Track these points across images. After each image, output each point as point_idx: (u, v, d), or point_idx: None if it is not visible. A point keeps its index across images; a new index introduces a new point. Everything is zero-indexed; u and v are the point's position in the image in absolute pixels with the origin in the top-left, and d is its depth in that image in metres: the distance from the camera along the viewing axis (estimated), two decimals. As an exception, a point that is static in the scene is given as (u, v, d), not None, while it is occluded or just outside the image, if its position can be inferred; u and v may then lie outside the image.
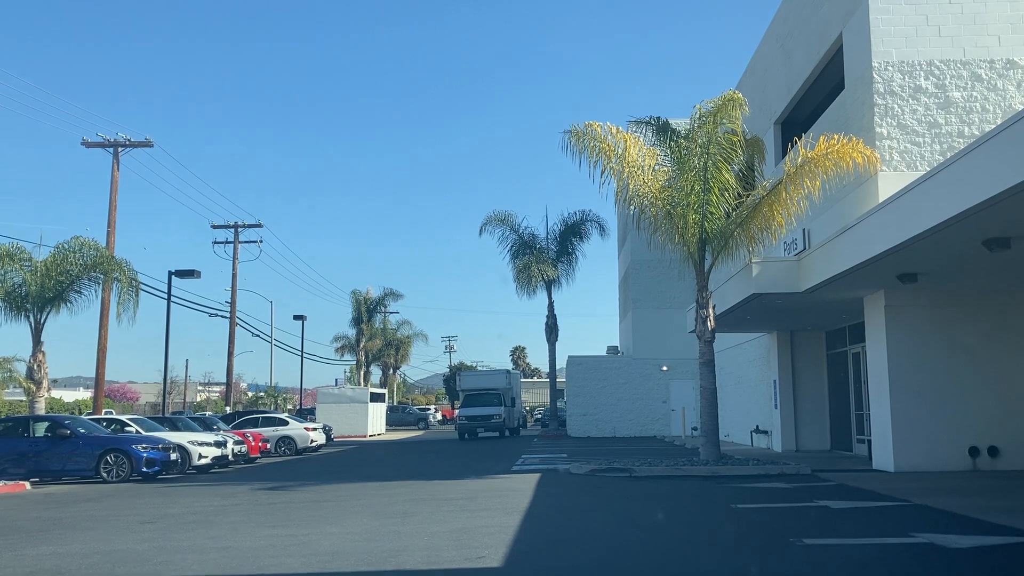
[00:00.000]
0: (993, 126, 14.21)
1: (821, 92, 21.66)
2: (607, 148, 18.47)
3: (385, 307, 66.63)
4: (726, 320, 21.59)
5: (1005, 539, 8.71)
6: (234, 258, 45.34)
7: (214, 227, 45.92)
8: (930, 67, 17.64)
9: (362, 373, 65.36)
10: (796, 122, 23.38)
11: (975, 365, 16.66)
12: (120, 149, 33.71)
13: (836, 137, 17.31)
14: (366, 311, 63.90)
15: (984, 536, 8.87)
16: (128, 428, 22.72)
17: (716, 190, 18.20)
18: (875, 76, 17.65)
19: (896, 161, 17.42)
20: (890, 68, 17.67)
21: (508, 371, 49.26)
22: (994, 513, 10.45)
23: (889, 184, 16.53)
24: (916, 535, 8.96)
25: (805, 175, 17.52)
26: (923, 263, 14.57)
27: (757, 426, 27.30)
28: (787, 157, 18.56)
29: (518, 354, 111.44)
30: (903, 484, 14.17)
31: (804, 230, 20.35)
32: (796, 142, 18.25)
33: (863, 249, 14.54)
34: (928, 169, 15.12)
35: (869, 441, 18.55)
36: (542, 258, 41.51)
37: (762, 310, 20.50)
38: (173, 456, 20.36)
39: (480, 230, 42.54)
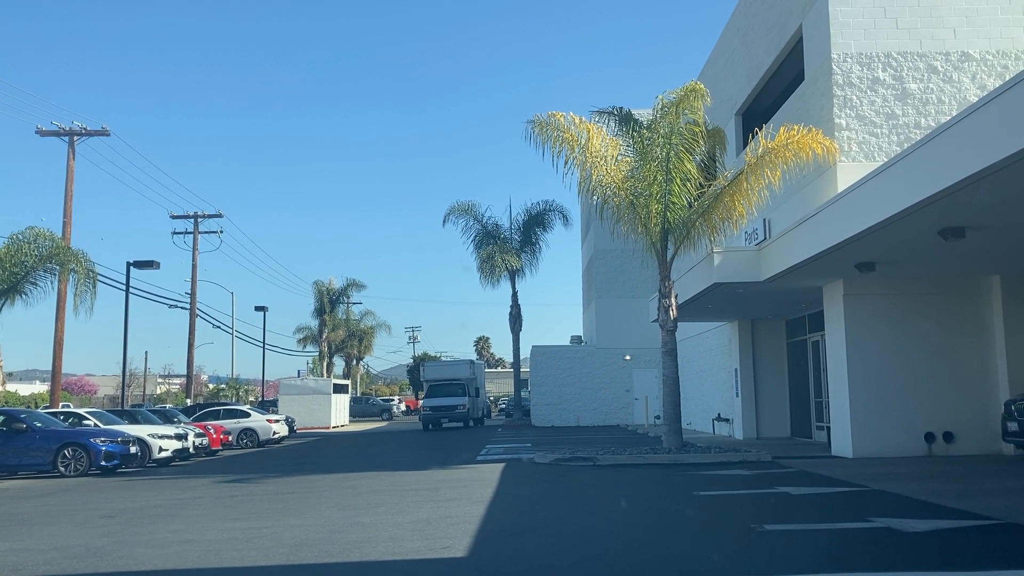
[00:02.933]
0: (948, 117, 14.45)
1: (781, 83, 21.86)
2: (570, 138, 18.48)
3: (348, 297, 66.25)
4: (688, 309, 21.75)
5: (959, 522, 8.89)
6: (194, 248, 44.76)
7: (173, 217, 45.27)
8: (888, 59, 17.88)
9: (325, 364, 64.96)
10: (757, 113, 23.58)
11: (931, 352, 16.98)
12: (76, 138, 33.04)
13: (796, 128, 17.48)
14: (328, 302, 63.48)
15: (939, 520, 9.04)
16: (86, 421, 22.37)
17: (678, 180, 18.30)
18: (834, 68, 17.86)
19: (855, 152, 17.64)
20: (849, 60, 17.88)
21: (472, 361, 49.25)
22: (949, 497, 10.66)
23: (848, 174, 16.75)
24: (874, 520, 9.11)
25: (766, 165, 17.68)
26: (881, 252, 14.80)
27: (719, 414, 27.58)
28: (748, 147, 18.71)
29: (482, 344, 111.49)
30: (861, 470, 14.41)
31: (765, 220, 20.56)
32: (757, 132, 18.40)
33: (822, 239, 14.72)
34: (886, 160, 15.34)
35: (828, 428, 18.83)
36: (506, 248, 41.52)
37: (723, 299, 20.69)
38: (133, 449, 20.09)
39: (444, 220, 42.49)
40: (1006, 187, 10.51)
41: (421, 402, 45.79)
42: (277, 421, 32.33)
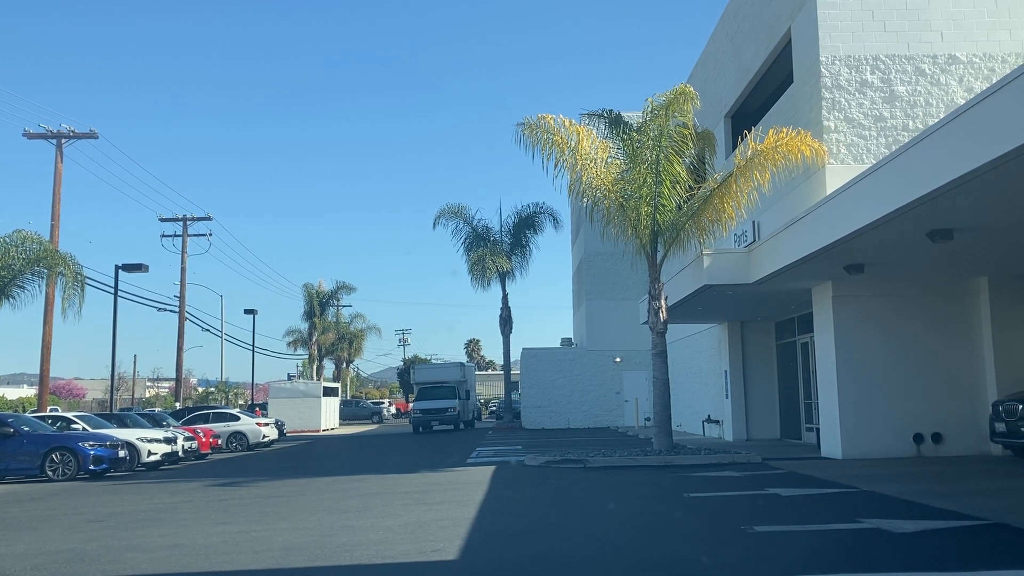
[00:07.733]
0: (936, 120, 14.52)
1: (770, 86, 21.92)
2: (560, 141, 18.49)
3: (338, 300, 66.15)
4: (678, 311, 21.79)
5: (948, 523, 8.92)
6: (183, 251, 44.63)
7: (162, 220, 45.14)
8: (876, 61, 17.95)
9: (315, 367, 64.82)
10: (746, 115, 23.64)
11: (919, 354, 17.04)
12: (64, 140, 32.93)
13: (785, 130, 17.53)
14: (318, 305, 63.36)
15: (928, 520, 9.07)
16: (75, 425, 22.24)
17: (668, 183, 18.34)
18: (823, 70, 17.92)
19: (843, 154, 17.71)
20: (837, 62, 17.94)
21: (462, 364, 49.22)
22: (937, 498, 10.70)
23: (837, 177, 16.80)
24: (863, 520, 9.14)
25: (755, 168, 17.73)
26: (869, 254, 14.85)
27: (709, 416, 27.63)
28: (737, 150, 18.75)
29: (473, 347, 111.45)
30: (851, 471, 14.45)
31: (754, 222, 20.61)
32: (746, 135, 18.46)
33: (811, 241, 14.77)
34: (874, 162, 15.40)
35: (817, 429, 18.89)
36: (496, 251, 41.55)
37: (713, 301, 20.73)
38: (121, 453, 19.99)
39: (434, 223, 42.54)
40: (994, 189, 10.56)
41: (411, 405, 45.73)
42: (267, 424, 32.23)
